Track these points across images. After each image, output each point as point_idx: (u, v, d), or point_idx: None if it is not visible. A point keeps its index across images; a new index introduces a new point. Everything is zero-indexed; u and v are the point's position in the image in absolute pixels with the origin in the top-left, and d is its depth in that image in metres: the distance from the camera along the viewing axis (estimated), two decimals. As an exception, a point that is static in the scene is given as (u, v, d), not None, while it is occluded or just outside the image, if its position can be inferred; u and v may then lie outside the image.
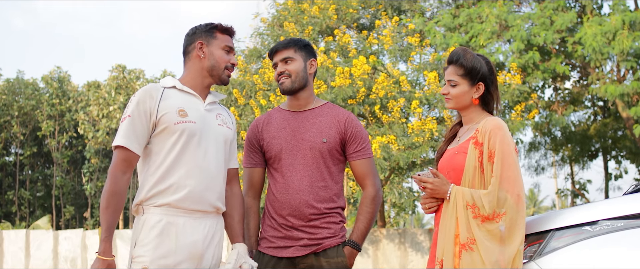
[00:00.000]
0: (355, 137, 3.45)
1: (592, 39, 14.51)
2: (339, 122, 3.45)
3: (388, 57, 16.05)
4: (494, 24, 15.25)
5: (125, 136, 3.01)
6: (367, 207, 3.43)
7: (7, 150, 34.59)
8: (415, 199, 16.96)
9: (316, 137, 3.39)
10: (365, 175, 3.46)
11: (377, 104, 14.16)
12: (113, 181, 2.99)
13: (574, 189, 22.01)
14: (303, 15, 16.40)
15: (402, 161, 13.60)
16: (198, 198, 3.04)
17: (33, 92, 33.87)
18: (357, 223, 3.43)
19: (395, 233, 19.08)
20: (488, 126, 3.00)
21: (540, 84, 17.52)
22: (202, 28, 3.27)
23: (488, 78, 3.13)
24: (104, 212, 2.97)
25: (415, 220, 42.66)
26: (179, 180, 3.02)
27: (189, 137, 3.06)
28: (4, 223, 27.32)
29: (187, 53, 3.26)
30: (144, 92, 3.09)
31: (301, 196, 3.33)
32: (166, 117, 3.05)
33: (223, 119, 3.26)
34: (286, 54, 3.46)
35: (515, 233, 2.84)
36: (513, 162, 2.92)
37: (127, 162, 3.02)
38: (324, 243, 3.33)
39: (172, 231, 2.99)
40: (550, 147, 22.42)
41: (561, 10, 15.67)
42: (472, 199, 2.91)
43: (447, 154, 3.17)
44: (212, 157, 3.12)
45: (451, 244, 2.92)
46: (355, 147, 3.45)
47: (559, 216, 2.95)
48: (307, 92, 3.49)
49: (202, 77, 3.22)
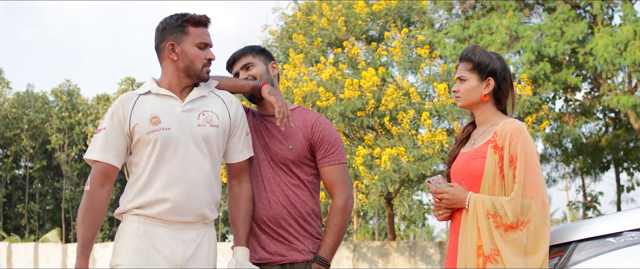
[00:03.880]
0: (323, 141, 3.18)
1: (603, 49, 14.40)
2: (306, 127, 3.20)
3: (397, 69, 15.99)
4: (504, 35, 15.17)
5: (100, 149, 2.89)
6: (335, 219, 3.13)
7: (16, 163, 34.65)
8: (425, 211, 16.82)
9: (282, 144, 3.19)
10: (333, 183, 3.16)
11: (386, 116, 14.09)
12: (90, 195, 2.88)
13: (585, 202, 21.83)
14: (312, 27, 16.36)
15: (412, 173, 13.50)
16: (179, 211, 2.87)
17: (43, 106, 33.95)
18: (325, 237, 3.14)
19: (406, 246, 18.93)
20: (508, 129, 2.85)
21: (551, 96, 17.40)
22: (172, 23, 3.00)
23: (499, 74, 2.98)
24: (80, 226, 2.85)
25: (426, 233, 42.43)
26: (156, 193, 2.86)
27: (163, 146, 2.87)
28: (13, 236, 27.31)
29: (159, 51, 3.03)
30: (118, 102, 2.95)
31: (269, 207, 3.14)
32: (139, 127, 2.89)
33: (207, 117, 2.98)
34: (245, 60, 3.28)
35: (540, 243, 2.69)
36: (536, 167, 2.77)
37: (105, 175, 2.89)
38: (289, 257, 3.12)
39: (149, 240, 2.85)
40: (562, 159, 22.25)
41: (572, 21, 15.57)
42: (493, 207, 2.76)
43: (461, 158, 3.01)
44: (192, 164, 2.90)
45: (474, 256, 2.76)
46: (323, 152, 3.18)
47: (582, 227, 2.82)
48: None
49: (179, 79, 3.00)
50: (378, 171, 13.36)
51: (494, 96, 3.01)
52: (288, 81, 14.53)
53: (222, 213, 29.13)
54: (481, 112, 3.02)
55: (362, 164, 13.37)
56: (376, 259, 18.57)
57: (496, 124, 2.95)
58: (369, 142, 14.77)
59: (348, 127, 15.60)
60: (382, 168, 13.29)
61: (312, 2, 17.37)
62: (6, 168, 32.38)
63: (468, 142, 3.08)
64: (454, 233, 2.93)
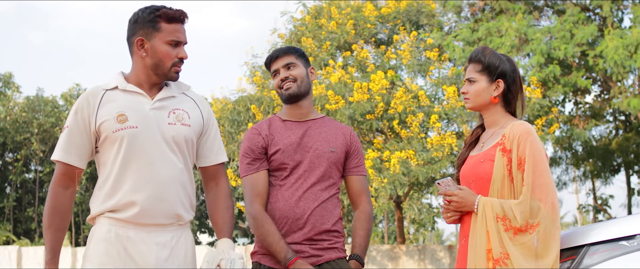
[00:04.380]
0: (358, 151, 3.36)
1: (613, 52, 14.32)
2: (345, 134, 3.35)
3: (406, 72, 15.96)
4: (513, 38, 15.11)
5: (62, 148, 2.75)
6: (367, 223, 3.32)
7: (26, 167, 34.79)
8: (434, 215, 16.77)
9: (324, 147, 3.25)
10: (362, 192, 3.36)
11: (395, 119, 14.06)
12: (53, 197, 2.75)
13: (596, 205, 21.72)
14: (321, 31, 16.35)
15: (422, 176, 13.46)
16: (150, 213, 2.72)
17: (52, 110, 34.08)
18: (358, 239, 3.29)
19: (415, 250, 18.88)
20: (516, 131, 2.82)
21: (561, 98, 17.33)
22: (144, 17, 2.80)
23: (509, 76, 2.95)
24: (46, 231, 2.73)
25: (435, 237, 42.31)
26: (125, 196, 2.70)
27: (130, 145, 2.71)
28: (23, 240, 27.42)
29: (129, 45, 2.86)
30: (83, 98, 2.78)
31: (306, 206, 3.17)
32: (105, 125, 2.73)
33: (178, 115, 2.83)
34: (288, 59, 3.29)
35: (550, 246, 2.66)
36: (545, 169, 2.74)
37: (68, 176, 2.76)
38: (325, 256, 3.18)
39: (120, 244, 2.69)
40: (572, 162, 22.14)
41: (582, 24, 15.50)
42: (502, 210, 2.73)
43: (470, 162, 2.98)
44: (161, 164, 2.74)
45: (484, 260, 2.73)
46: (356, 162, 3.36)
47: (594, 230, 2.80)
48: (309, 100, 3.33)
49: (147, 75, 2.83)
50: (387, 175, 13.34)
51: (503, 98, 2.97)
52: (297, 84, 14.51)
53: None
54: (490, 114, 2.99)
55: (371, 168, 13.35)
56: (386, 262, 18.52)
57: (505, 127, 2.91)
58: (378, 146, 14.74)
59: (357, 131, 15.58)
60: (392, 171, 13.26)
61: (320, 5, 17.37)
62: (16, 172, 32.52)
63: (477, 145, 3.05)
64: (463, 237, 2.91)
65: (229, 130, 15.84)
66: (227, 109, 16.10)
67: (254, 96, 15.59)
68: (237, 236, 32.74)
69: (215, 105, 16.94)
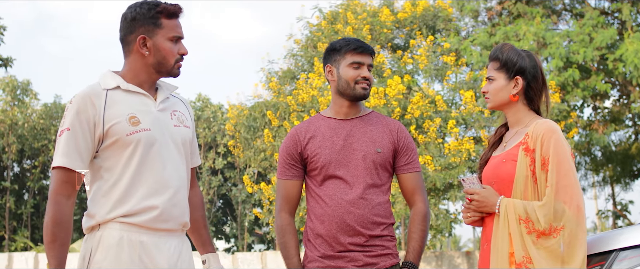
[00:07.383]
0: (407, 148, 3.20)
1: (633, 55, 14.16)
2: (391, 131, 3.20)
3: (423, 77, 15.86)
4: (531, 42, 14.99)
5: (65, 153, 2.54)
6: (420, 225, 3.18)
7: (44, 174, 34.99)
8: (452, 221, 16.64)
9: (369, 147, 3.14)
10: (416, 190, 3.20)
11: (412, 124, 13.97)
12: (56, 208, 2.53)
13: (615, 211, 21.48)
14: (337, 36, 16.30)
15: (439, 182, 13.35)
16: (166, 217, 2.62)
17: (70, 117, 34.27)
18: (412, 243, 3.16)
19: (433, 256, 18.74)
20: (539, 130, 2.71)
21: (580, 103, 17.16)
22: (144, 14, 2.68)
23: (528, 72, 2.84)
24: (50, 246, 2.53)
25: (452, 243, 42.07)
26: (143, 200, 2.57)
27: (145, 148, 2.59)
28: (41, 246, 27.55)
29: (126, 43, 2.72)
30: (84, 99, 2.59)
31: (356, 211, 3.06)
32: (116, 127, 2.58)
33: (178, 117, 2.77)
34: (371, 61, 3.21)
35: (576, 250, 2.54)
36: (570, 170, 2.64)
37: (70, 184, 2.56)
38: (380, 264, 3.07)
39: (134, 249, 2.56)
40: (591, 168, 21.92)
41: (601, 27, 15.35)
42: (525, 212, 2.62)
43: (492, 162, 2.87)
44: (173, 168, 2.66)
45: (506, 264, 2.63)
46: (407, 159, 3.20)
47: (623, 235, 2.70)
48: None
49: (149, 74, 2.71)
50: (404, 180, 13.24)
51: (525, 96, 2.88)
52: (313, 90, 14.47)
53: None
54: (513, 113, 2.89)
55: (388, 173, 13.26)
56: None
57: (528, 126, 2.81)
58: (394, 151, 14.65)
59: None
60: (409, 177, 13.16)
61: (337, 11, 17.33)
62: (34, 179, 32.71)
63: (500, 145, 2.95)
64: (485, 241, 2.80)
65: (244, 136, 15.81)
66: (243, 115, 16.08)
67: (270, 102, 15.55)
68: (253, 243, 32.68)
69: (231, 111, 16.93)
